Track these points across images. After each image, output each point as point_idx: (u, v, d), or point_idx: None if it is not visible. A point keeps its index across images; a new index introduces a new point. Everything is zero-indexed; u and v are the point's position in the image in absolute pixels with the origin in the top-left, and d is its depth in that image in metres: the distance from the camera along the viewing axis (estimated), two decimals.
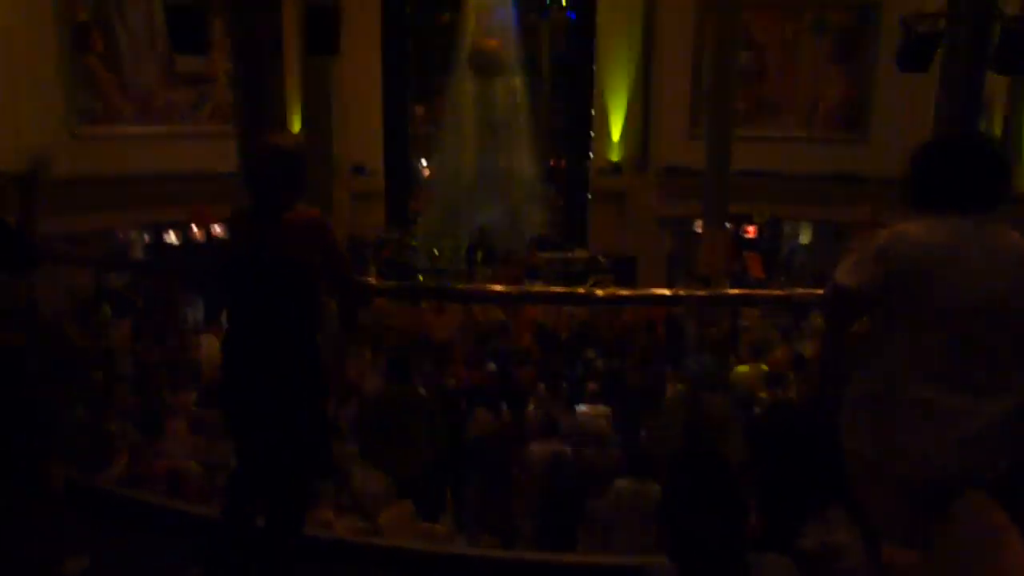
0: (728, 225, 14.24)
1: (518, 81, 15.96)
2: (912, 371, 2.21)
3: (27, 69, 12.36)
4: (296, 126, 13.28)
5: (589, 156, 16.80)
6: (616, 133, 16.31)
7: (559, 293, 6.86)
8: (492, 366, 8.19)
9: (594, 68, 16.29)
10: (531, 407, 7.12)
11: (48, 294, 7.08)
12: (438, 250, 14.96)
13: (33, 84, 12.43)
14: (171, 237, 14.93)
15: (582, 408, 7.05)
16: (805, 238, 17.36)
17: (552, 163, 18.32)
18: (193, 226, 14.17)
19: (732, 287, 10.67)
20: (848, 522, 1.79)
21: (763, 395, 7.20)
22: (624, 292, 6.45)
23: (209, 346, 8.22)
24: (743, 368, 7.95)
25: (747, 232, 16.13)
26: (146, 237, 15.30)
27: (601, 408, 7.08)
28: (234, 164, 7.60)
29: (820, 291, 2.66)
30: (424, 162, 17.65)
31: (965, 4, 8.49)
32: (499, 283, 11.69)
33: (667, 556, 1.86)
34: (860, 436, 2.29)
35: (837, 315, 2.47)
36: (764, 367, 7.90)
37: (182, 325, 11.26)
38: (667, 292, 4.88)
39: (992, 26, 8.55)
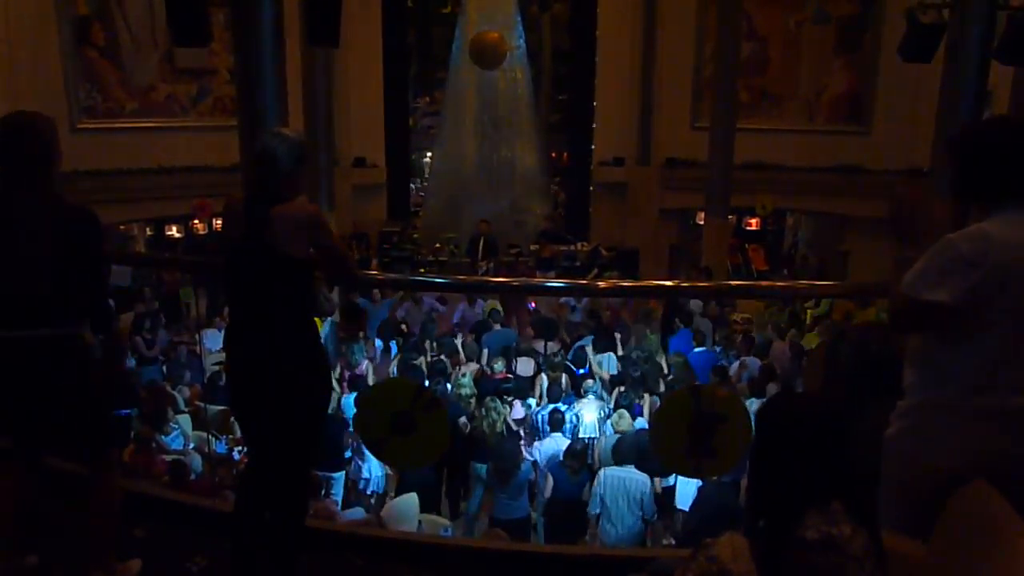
0: (730, 217, 14.22)
1: (520, 73, 15.88)
2: (1001, 378, 2.12)
3: (28, 63, 12.33)
4: (297, 119, 13.26)
5: (591, 148, 16.76)
6: (618, 125, 16.26)
7: (561, 284, 6.83)
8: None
9: (596, 60, 16.25)
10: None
11: None
12: (440, 242, 14.94)
13: (34, 78, 12.40)
14: (173, 231, 14.94)
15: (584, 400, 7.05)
16: (808, 230, 17.33)
17: (554, 155, 18.28)
18: (195, 220, 14.17)
19: (734, 279, 10.65)
20: (848, 512, 1.78)
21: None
22: (626, 283, 6.43)
23: (211, 340, 8.22)
24: None
25: (750, 224, 16.10)
26: (148, 231, 15.31)
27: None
28: (236, 158, 7.58)
29: (824, 283, 2.58)
30: (428, 155, 17.64)
31: None
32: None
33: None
34: (924, 444, 2.21)
35: (915, 328, 2.27)
36: None
37: (184, 319, 11.28)
38: (669, 283, 4.87)
39: (997, 16, 8.51)
